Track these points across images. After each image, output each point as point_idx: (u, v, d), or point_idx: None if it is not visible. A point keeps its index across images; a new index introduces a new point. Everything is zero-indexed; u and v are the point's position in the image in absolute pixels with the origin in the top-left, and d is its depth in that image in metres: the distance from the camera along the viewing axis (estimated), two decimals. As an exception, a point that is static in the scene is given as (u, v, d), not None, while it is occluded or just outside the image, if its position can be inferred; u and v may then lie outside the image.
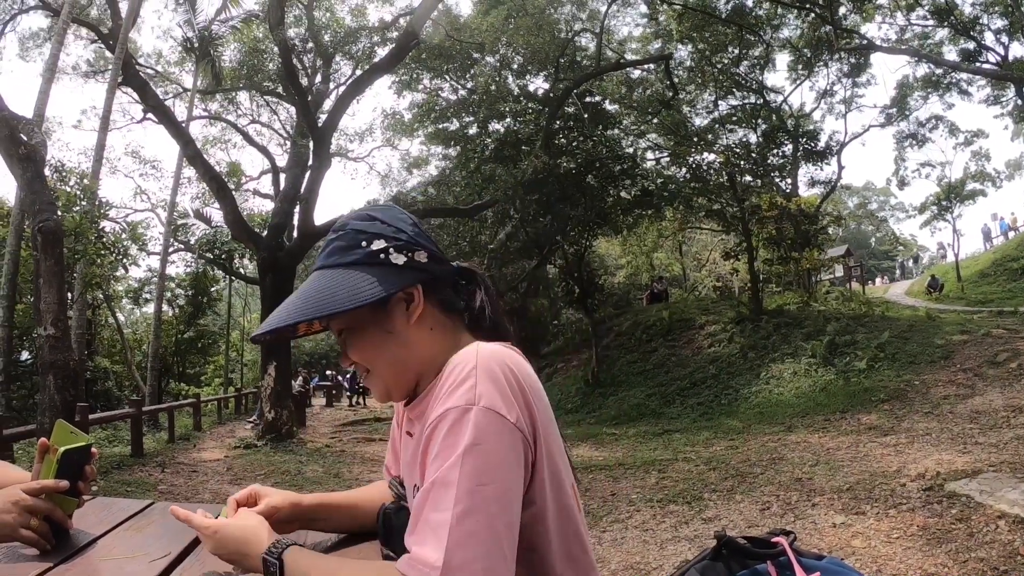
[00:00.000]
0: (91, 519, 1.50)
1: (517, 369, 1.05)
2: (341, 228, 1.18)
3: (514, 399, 1.00)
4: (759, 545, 1.15)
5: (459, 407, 0.97)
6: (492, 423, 0.96)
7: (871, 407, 10.71)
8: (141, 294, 30.51)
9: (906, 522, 5.26)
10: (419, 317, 1.15)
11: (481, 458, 0.94)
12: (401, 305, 1.14)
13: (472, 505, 0.92)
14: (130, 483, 9.33)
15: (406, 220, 1.19)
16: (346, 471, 10.82)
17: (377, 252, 1.13)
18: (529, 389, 1.04)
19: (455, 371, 1.03)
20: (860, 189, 70.67)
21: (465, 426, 0.96)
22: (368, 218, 1.18)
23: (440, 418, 0.99)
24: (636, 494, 7.45)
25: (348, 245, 1.15)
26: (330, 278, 1.12)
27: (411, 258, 1.14)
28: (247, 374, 34.29)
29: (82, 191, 12.33)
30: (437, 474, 0.95)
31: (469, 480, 0.93)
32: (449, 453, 0.95)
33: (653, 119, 23.24)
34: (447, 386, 1.02)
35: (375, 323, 1.14)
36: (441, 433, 0.98)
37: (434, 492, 0.95)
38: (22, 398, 16.45)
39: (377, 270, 1.12)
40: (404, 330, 1.14)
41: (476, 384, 0.99)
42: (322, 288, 1.11)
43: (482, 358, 1.03)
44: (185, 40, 22.45)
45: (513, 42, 22.38)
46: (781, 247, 19.71)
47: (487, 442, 0.95)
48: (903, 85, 27.71)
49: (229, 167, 25.22)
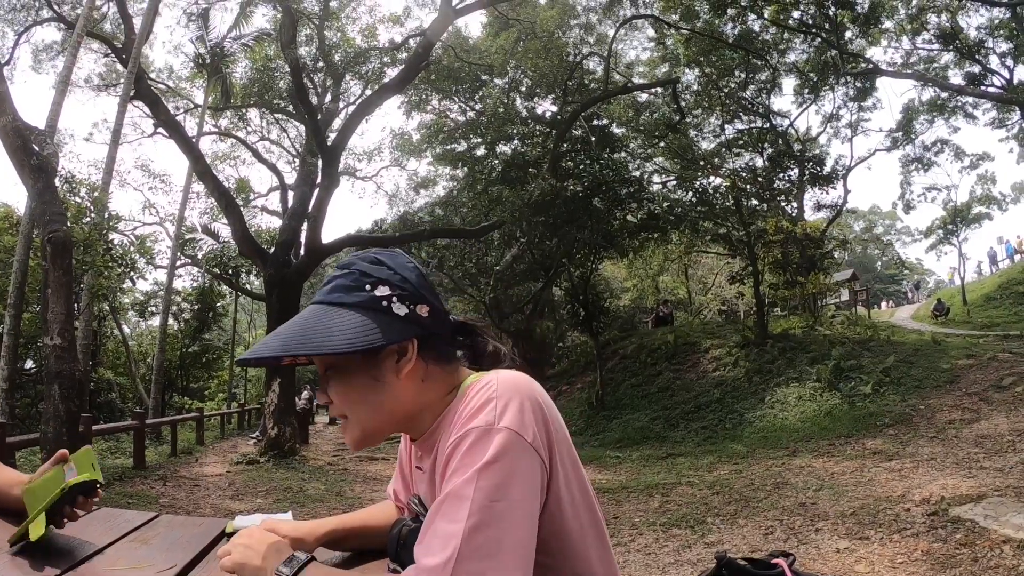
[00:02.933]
0: (96, 529, 1.51)
1: (535, 392, 1.06)
2: (347, 267, 1.17)
3: (534, 422, 1.01)
4: (759, 567, 1.14)
5: (479, 427, 0.99)
6: (511, 443, 0.97)
7: (876, 432, 10.67)
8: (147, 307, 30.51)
9: (910, 547, 5.23)
10: (409, 371, 1.13)
11: (498, 476, 0.95)
12: (393, 356, 1.12)
13: (484, 520, 0.93)
14: (132, 495, 9.31)
15: (413, 269, 1.17)
16: (348, 489, 10.78)
17: (380, 299, 1.11)
18: (546, 411, 1.05)
19: (478, 395, 1.04)
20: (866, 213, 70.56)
21: (485, 445, 0.97)
22: (376, 261, 1.16)
23: (461, 437, 1.00)
24: (639, 517, 7.42)
25: (352, 285, 1.13)
26: (328, 315, 1.11)
27: (412, 310, 1.12)
28: (251, 390, 34.25)
29: (92, 203, 12.39)
30: (451, 487, 0.97)
31: (484, 496, 0.94)
32: (466, 469, 0.96)
33: (660, 142, 23.37)
34: (468, 408, 1.03)
35: (363, 369, 1.12)
36: (461, 451, 0.99)
37: (447, 504, 0.96)
38: (26, 407, 16.43)
39: (377, 316, 1.10)
40: (392, 381, 1.13)
41: (497, 406, 1.01)
42: (318, 324, 1.10)
43: (502, 382, 1.05)
44: (197, 56, 22.65)
45: (522, 65, 22.58)
46: (787, 271, 19.70)
47: (504, 461, 0.96)
48: (909, 109, 27.75)
49: (238, 183, 25.34)
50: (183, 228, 23.58)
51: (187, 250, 24.58)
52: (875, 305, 39.26)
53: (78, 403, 7.78)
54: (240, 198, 22.30)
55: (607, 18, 23.90)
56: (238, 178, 26.92)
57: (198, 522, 1.67)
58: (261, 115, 26.17)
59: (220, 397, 30.52)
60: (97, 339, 20.87)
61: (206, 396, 30.87)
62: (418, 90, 22.89)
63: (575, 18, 23.76)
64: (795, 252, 19.55)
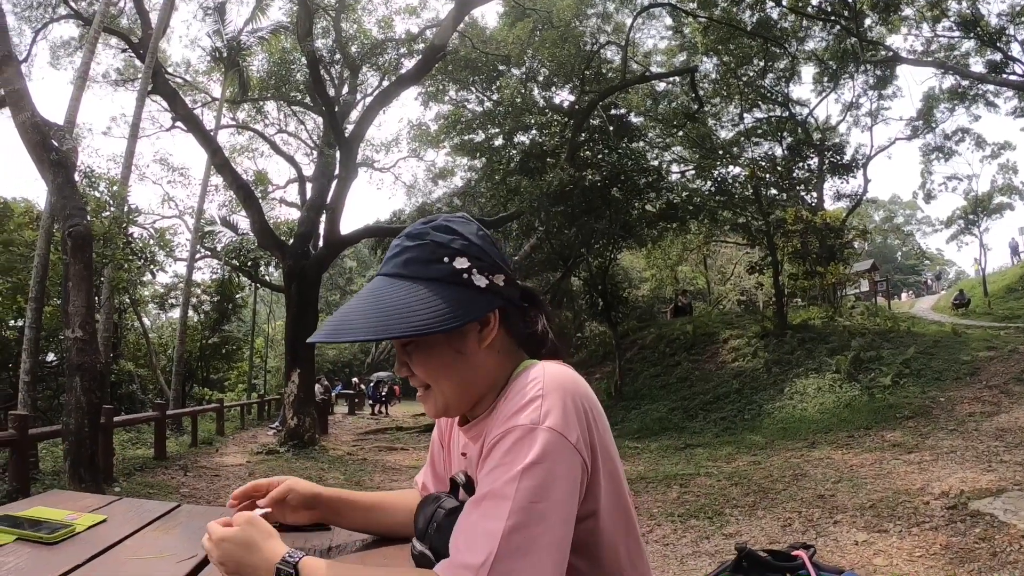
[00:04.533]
0: (119, 519, 1.54)
1: (581, 390, 1.06)
2: (419, 237, 1.14)
3: (577, 421, 1.01)
4: (779, 558, 1.14)
5: (524, 426, 0.98)
6: (555, 444, 0.97)
7: (895, 424, 10.60)
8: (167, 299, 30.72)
9: (929, 540, 5.21)
10: (490, 342, 1.13)
11: (540, 477, 0.95)
12: (475, 328, 1.12)
13: (524, 520, 0.93)
14: (152, 485, 9.43)
15: (484, 237, 1.16)
16: (367, 479, 10.86)
17: (460, 271, 1.09)
18: (591, 409, 1.06)
19: (523, 390, 1.04)
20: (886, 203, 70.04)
21: (529, 444, 0.97)
22: (449, 231, 1.13)
23: (504, 434, 1.00)
24: (657, 508, 7.43)
25: (428, 258, 1.11)
26: (408, 292, 1.08)
27: (492, 281, 1.11)
28: (270, 380, 34.45)
29: (111, 197, 12.48)
30: (493, 486, 0.97)
31: (525, 497, 0.94)
32: (508, 468, 0.96)
33: (678, 132, 23.22)
34: (513, 404, 1.03)
35: (447, 342, 1.11)
36: (503, 448, 0.99)
37: (487, 503, 0.96)
38: (48, 399, 16.60)
39: (458, 291, 1.09)
40: (475, 352, 1.13)
41: (542, 404, 1.00)
42: (400, 302, 1.07)
43: (548, 379, 1.04)
44: (214, 50, 22.72)
45: (539, 54, 22.48)
46: (806, 261, 19.58)
47: (547, 462, 0.96)
48: (929, 97, 27.48)
49: (256, 176, 25.41)
50: (202, 221, 23.69)
51: (206, 243, 24.66)
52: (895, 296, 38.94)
53: (100, 395, 7.84)
54: (258, 190, 22.36)
55: (624, 7, 23.73)
56: (256, 170, 27.03)
57: (218, 512, 1.69)
58: (278, 108, 26.22)
59: (240, 388, 30.72)
60: (118, 331, 21.05)
61: (226, 387, 31.08)
62: (435, 81, 22.84)
63: (592, 7, 23.59)
64: (815, 242, 19.41)
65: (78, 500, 1.72)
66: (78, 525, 1.43)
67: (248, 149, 28.88)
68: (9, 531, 1.35)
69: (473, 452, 1.19)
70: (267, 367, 35.86)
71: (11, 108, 8.41)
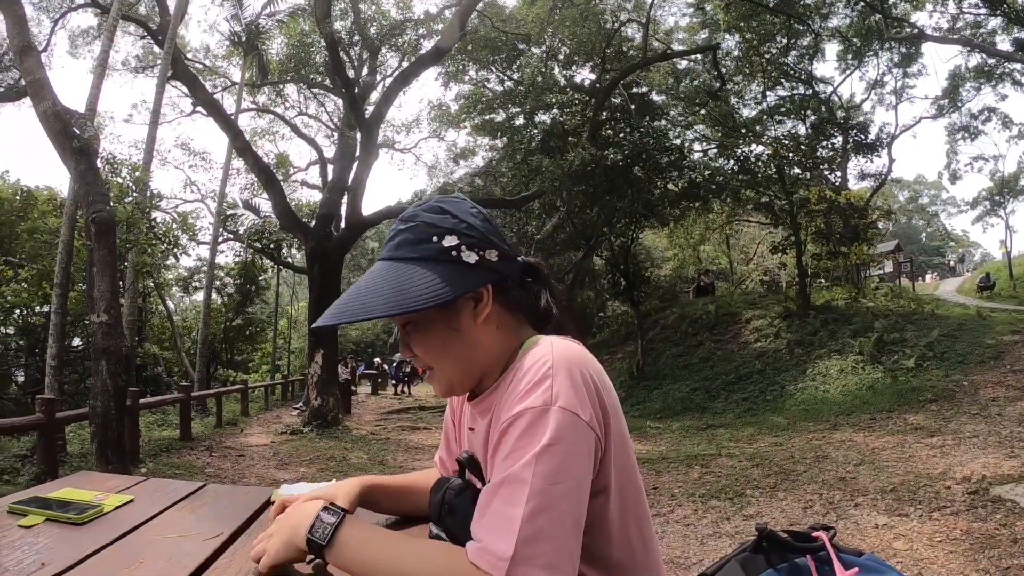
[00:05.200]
0: (146, 499, 1.58)
1: (590, 367, 1.06)
2: (411, 219, 1.16)
3: (588, 399, 1.02)
4: (800, 539, 1.14)
5: (536, 407, 0.99)
6: (568, 424, 0.98)
7: (918, 407, 10.53)
8: (191, 282, 30.99)
9: (949, 526, 5.19)
10: (486, 317, 1.14)
11: (556, 458, 0.96)
12: (469, 304, 1.13)
13: (544, 503, 0.94)
14: (178, 466, 9.57)
15: (477, 215, 1.17)
16: (390, 458, 10.94)
17: (449, 249, 1.11)
18: (601, 386, 1.06)
19: (532, 369, 1.04)
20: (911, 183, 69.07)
21: (542, 426, 0.97)
22: (439, 211, 1.15)
23: (516, 416, 1.00)
24: (678, 488, 7.44)
25: (418, 239, 1.13)
26: (398, 272, 1.11)
27: (482, 256, 1.13)
28: (294, 361, 34.75)
29: (134, 183, 12.61)
30: (511, 470, 0.97)
31: (543, 479, 0.95)
32: (524, 451, 0.97)
33: (700, 110, 22.97)
34: (523, 384, 1.03)
35: (442, 320, 1.13)
36: (517, 431, 1.00)
37: (506, 487, 0.97)
38: (74, 383, 16.89)
39: (448, 268, 1.10)
40: (470, 329, 1.14)
41: (553, 384, 1.00)
42: (390, 283, 1.10)
43: (557, 357, 1.04)
44: (232, 34, 22.80)
45: (559, 33, 22.28)
46: (830, 241, 19.41)
47: (562, 442, 0.97)
48: (955, 75, 27.02)
49: (277, 158, 25.54)
50: (224, 204, 23.83)
51: (229, 226, 24.85)
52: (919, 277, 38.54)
53: (125, 378, 7.93)
54: (280, 173, 22.51)
55: (645, -17, 23.48)
56: (277, 153, 27.14)
57: (244, 491, 1.72)
58: (298, 90, 26.30)
59: (264, 369, 31.00)
60: (142, 315, 21.32)
61: (250, 368, 31.39)
62: (455, 61, 22.72)
63: (612, -16, 23.37)
64: (838, 222, 19.22)
65: (105, 481, 1.75)
66: (106, 505, 1.46)
67: (269, 132, 29.02)
68: (39, 512, 1.39)
69: (481, 426, 1.20)
70: (290, 348, 36.16)
71: (32, 97, 8.49)
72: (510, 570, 0.92)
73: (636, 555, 1.12)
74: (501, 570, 0.92)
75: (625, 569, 1.11)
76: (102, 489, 1.61)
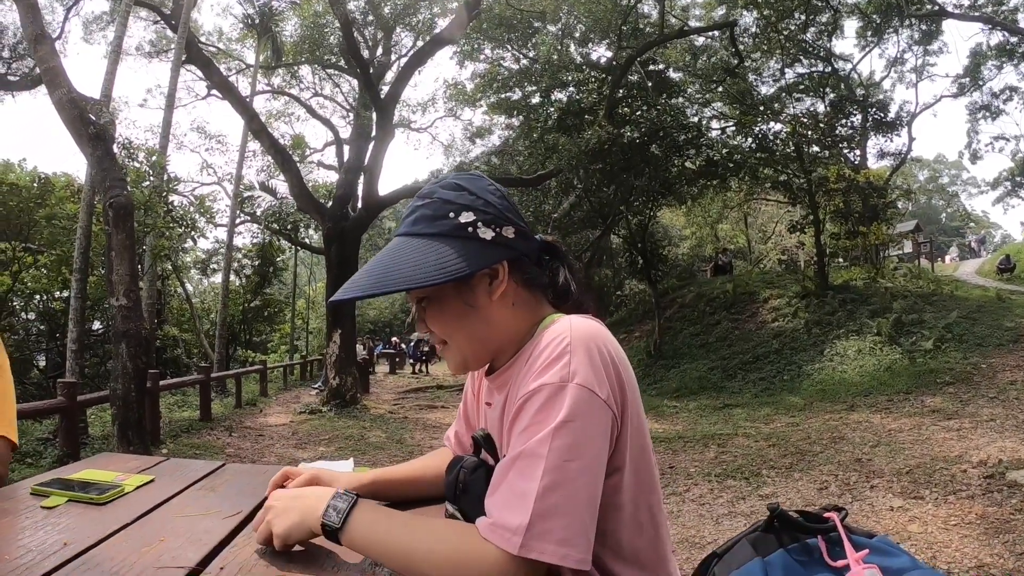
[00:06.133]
0: (166, 478, 1.60)
1: (608, 345, 1.06)
2: (428, 196, 1.16)
3: (606, 376, 1.02)
4: (811, 520, 1.14)
5: (553, 383, 0.99)
6: (585, 400, 0.98)
7: (935, 389, 10.47)
8: (209, 264, 31.27)
9: (964, 509, 5.16)
10: (502, 294, 1.15)
11: (572, 435, 0.97)
12: (485, 280, 1.14)
13: (559, 479, 0.95)
14: (199, 446, 9.68)
15: (494, 192, 1.17)
16: (408, 437, 11.00)
17: (465, 225, 1.12)
18: (619, 364, 1.06)
19: (550, 346, 1.04)
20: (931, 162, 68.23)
21: (559, 402, 0.98)
22: (456, 187, 1.16)
23: (533, 392, 1.01)
24: (694, 468, 7.46)
25: (435, 215, 1.13)
26: (414, 248, 1.12)
27: (499, 233, 1.13)
28: (312, 341, 34.96)
29: (151, 167, 12.70)
30: (526, 445, 0.98)
31: (558, 455, 0.95)
32: (540, 427, 0.98)
33: (718, 87, 22.79)
34: (541, 361, 1.03)
35: (457, 296, 1.14)
36: (534, 407, 1.00)
37: (521, 462, 0.98)
38: (94, 366, 17.08)
39: (463, 244, 1.11)
40: (486, 305, 1.15)
41: (571, 361, 1.01)
42: (406, 258, 1.11)
43: (575, 334, 1.04)
44: (246, 17, 22.82)
45: (574, 10, 22.11)
46: (849, 220, 19.27)
47: (579, 419, 0.97)
48: (976, 54, 26.59)
49: (293, 140, 25.53)
50: (241, 186, 23.95)
51: (246, 207, 24.95)
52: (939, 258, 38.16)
53: (145, 360, 8.01)
54: (296, 154, 22.49)
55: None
56: (293, 134, 27.12)
57: (263, 470, 1.73)
58: (313, 71, 26.24)
59: (283, 349, 31.27)
60: (161, 298, 21.50)
61: (269, 349, 31.67)
62: (470, 39, 22.59)
63: (628, -40, 23.13)
64: (857, 201, 19.08)
65: (126, 462, 1.78)
66: (127, 486, 1.48)
67: (284, 114, 29.04)
68: (61, 493, 1.41)
69: (498, 401, 1.21)
70: (309, 328, 36.37)
71: (48, 85, 8.51)
72: (524, 544, 0.93)
73: (644, 535, 1.13)
74: (515, 544, 0.93)
75: (632, 548, 1.11)
76: (123, 470, 1.64)
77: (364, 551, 1.05)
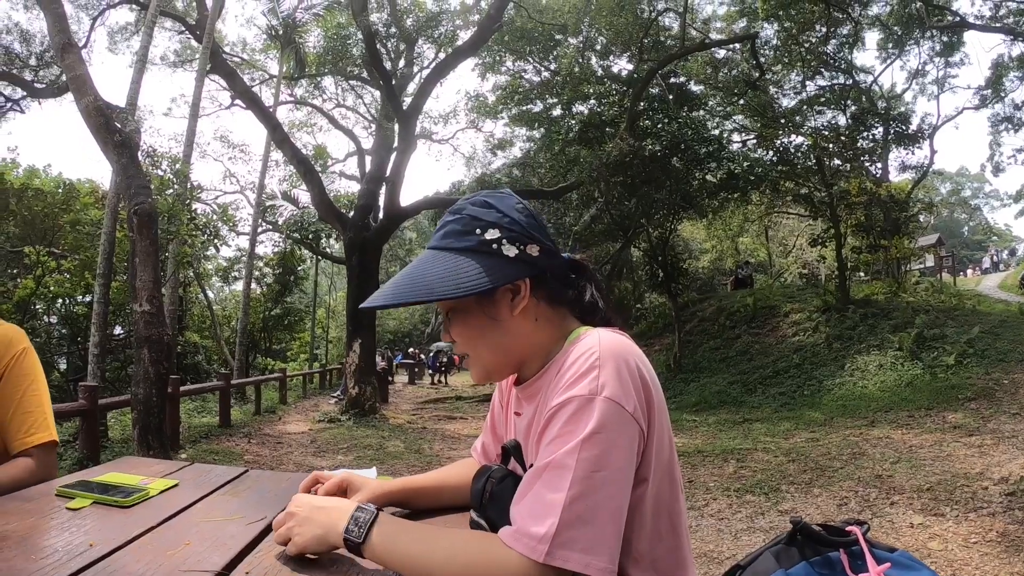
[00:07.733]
0: (190, 484, 1.62)
1: (637, 359, 1.08)
2: (458, 211, 1.21)
3: (634, 390, 1.04)
4: (833, 533, 1.15)
5: (582, 396, 1.01)
6: (613, 413, 1.00)
7: (957, 405, 10.33)
8: (230, 272, 31.46)
9: (985, 527, 5.09)
10: (523, 309, 1.18)
11: (599, 447, 0.98)
12: (507, 295, 1.17)
13: (585, 490, 0.96)
14: (218, 452, 9.72)
15: (521, 210, 1.20)
16: (427, 447, 10.98)
17: (490, 241, 1.15)
18: (647, 378, 1.08)
19: (580, 359, 1.06)
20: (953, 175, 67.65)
21: (587, 415, 1.00)
22: (485, 205, 1.19)
23: (562, 404, 1.03)
24: (713, 482, 7.41)
25: (463, 230, 1.17)
26: (441, 261, 1.16)
27: (523, 251, 1.16)
28: (331, 350, 35.12)
29: (175, 175, 12.84)
30: (554, 456, 1.00)
31: (585, 467, 0.97)
32: (568, 438, 1.00)
33: (739, 100, 22.74)
34: (570, 373, 1.05)
35: (480, 309, 1.18)
36: (562, 419, 1.02)
37: (549, 472, 1.00)
38: (115, 370, 17.20)
39: (488, 259, 1.14)
40: (507, 319, 1.18)
41: (599, 374, 1.02)
42: (432, 271, 1.15)
43: (604, 348, 1.06)
44: (269, 28, 23.07)
45: (595, 23, 22.20)
46: (870, 234, 19.13)
47: (606, 431, 0.99)
48: (998, 65, 26.30)
49: (315, 150, 25.78)
50: (263, 195, 24.16)
51: (268, 217, 25.16)
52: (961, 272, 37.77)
53: (167, 365, 8.06)
54: (318, 164, 22.69)
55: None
56: (316, 145, 27.45)
57: (285, 477, 1.75)
58: (336, 82, 26.52)
59: (302, 358, 31.40)
60: (183, 304, 21.67)
61: (288, 357, 31.83)
62: (492, 52, 22.71)
63: (648, -27, 23.17)
64: (879, 214, 18.94)
65: (150, 466, 1.80)
66: (151, 489, 1.50)
67: (307, 124, 29.32)
68: (86, 495, 1.44)
69: (527, 412, 1.23)
70: (328, 337, 36.55)
71: (74, 93, 8.62)
72: (549, 552, 0.94)
73: (664, 543, 1.13)
74: (540, 553, 0.95)
75: (651, 556, 1.12)
76: (147, 474, 1.66)
77: (387, 564, 1.07)
